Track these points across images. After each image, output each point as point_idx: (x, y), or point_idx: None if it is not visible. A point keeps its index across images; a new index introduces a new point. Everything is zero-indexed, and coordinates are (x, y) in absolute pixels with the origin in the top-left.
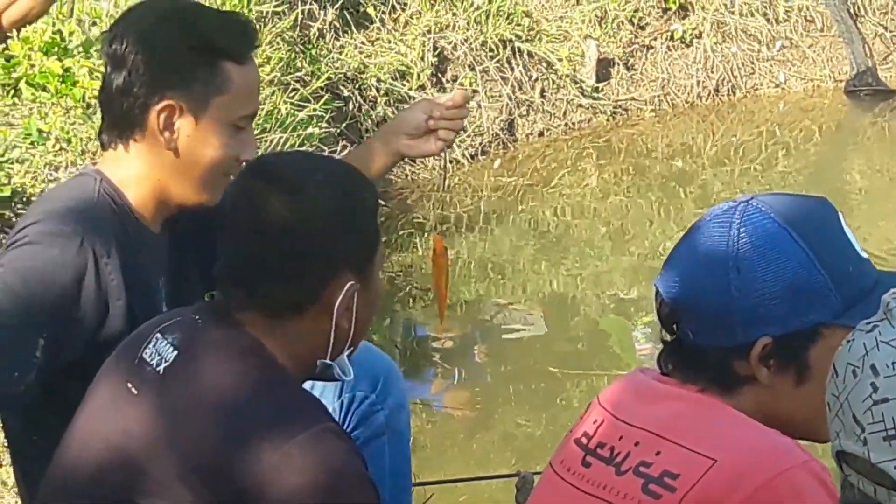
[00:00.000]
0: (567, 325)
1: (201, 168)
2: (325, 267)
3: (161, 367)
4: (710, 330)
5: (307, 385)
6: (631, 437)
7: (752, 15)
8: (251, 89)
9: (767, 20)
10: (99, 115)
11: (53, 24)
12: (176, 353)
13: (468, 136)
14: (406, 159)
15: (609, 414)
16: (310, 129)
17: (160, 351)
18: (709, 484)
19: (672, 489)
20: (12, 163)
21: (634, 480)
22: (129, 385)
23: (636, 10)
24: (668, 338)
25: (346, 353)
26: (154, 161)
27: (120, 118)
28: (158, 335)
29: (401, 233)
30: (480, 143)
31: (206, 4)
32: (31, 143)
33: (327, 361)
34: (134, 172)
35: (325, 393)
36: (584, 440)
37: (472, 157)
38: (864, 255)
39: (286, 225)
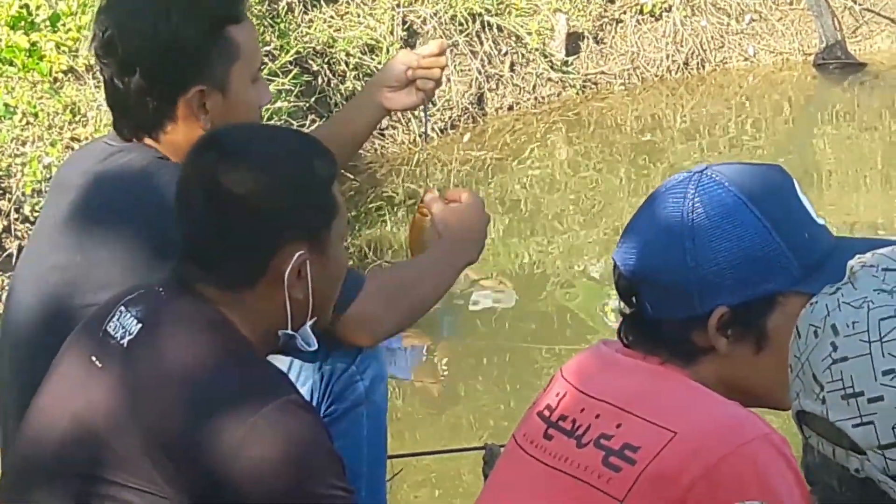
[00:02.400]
0: (537, 298)
1: None
2: (271, 237)
3: (125, 341)
4: (668, 301)
5: (288, 360)
6: (592, 410)
7: None
8: (256, 43)
9: None
10: (88, 111)
11: None
12: (140, 326)
13: (438, 111)
14: (390, 114)
15: (571, 386)
16: (278, 104)
17: (124, 324)
18: (668, 456)
19: (632, 462)
20: None
21: (595, 453)
22: (94, 358)
23: None
24: (628, 310)
25: (308, 323)
26: (189, 141)
27: (146, 117)
28: (122, 308)
29: (370, 206)
30: (450, 118)
31: None
32: None
33: (289, 332)
34: (169, 154)
35: (304, 365)
36: (546, 413)
37: (441, 131)
38: (821, 221)
39: (232, 197)
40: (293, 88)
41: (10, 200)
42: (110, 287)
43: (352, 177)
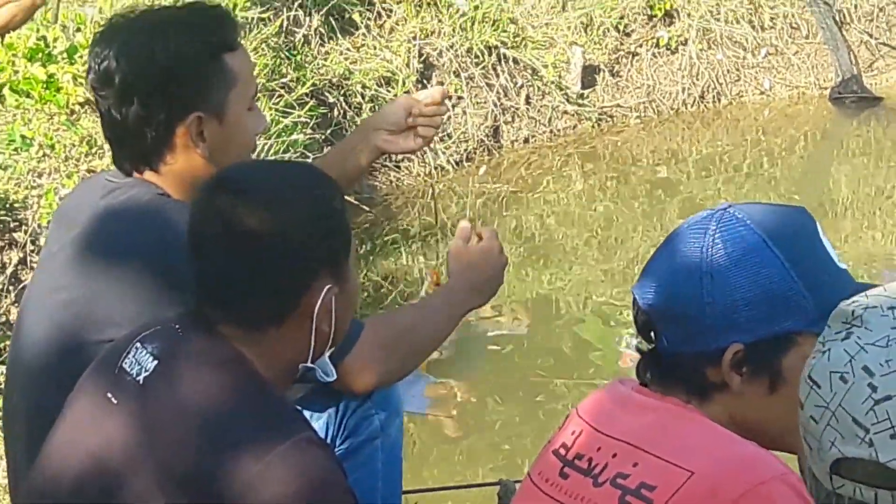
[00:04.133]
0: (551, 332)
1: (234, 158)
2: (300, 276)
3: (141, 377)
4: (684, 336)
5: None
6: (609, 449)
7: (738, 22)
8: (251, 70)
9: (753, 27)
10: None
11: (38, 30)
12: (156, 362)
13: (453, 143)
14: (390, 159)
15: (587, 425)
16: (294, 136)
17: (140, 360)
18: (685, 496)
19: (649, 501)
20: None
21: (611, 492)
22: (109, 395)
23: (622, 17)
24: (646, 347)
25: (326, 354)
26: (188, 171)
27: (145, 147)
28: (138, 345)
29: (386, 238)
30: (465, 150)
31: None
32: (15, 149)
33: (309, 365)
34: (170, 188)
35: (319, 400)
36: (562, 451)
37: (456, 163)
38: (843, 266)
39: (258, 239)
40: (309, 121)
41: (25, 232)
42: (119, 323)
43: (367, 209)
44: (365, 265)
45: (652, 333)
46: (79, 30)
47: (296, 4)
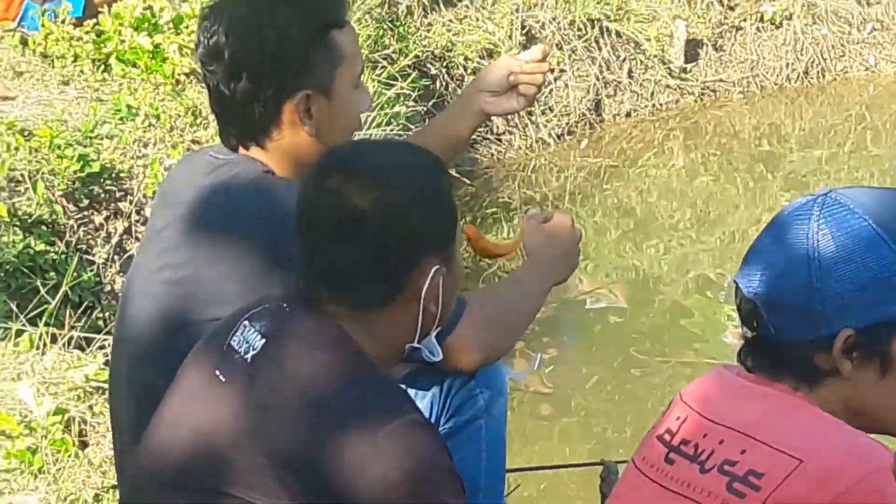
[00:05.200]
0: (651, 308)
1: (341, 136)
2: (408, 257)
3: (249, 356)
4: (792, 324)
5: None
6: (715, 435)
7: None
8: (357, 48)
9: (858, 2)
10: (209, 114)
11: (144, 0)
12: (264, 341)
13: (554, 116)
14: (492, 131)
15: (693, 411)
16: (396, 108)
17: (248, 339)
18: (794, 484)
19: (757, 488)
20: (101, 138)
21: (719, 479)
22: (218, 372)
23: None
24: (750, 334)
25: (433, 333)
26: (295, 148)
27: (253, 122)
28: (246, 323)
29: (486, 211)
30: (567, 123)
31: None
32: (121, 118)
33: (415, 345)
34: (275, 165)
35: (424, 378)
36: (667, 437)
37: (558, 136)
38: None
39: (368, 220)
40: (411, 93)
41: (131, 202)
42: (226, 302)
43: (468, 182)
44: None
45: (755, 322)
46: (184, 0)
47: None
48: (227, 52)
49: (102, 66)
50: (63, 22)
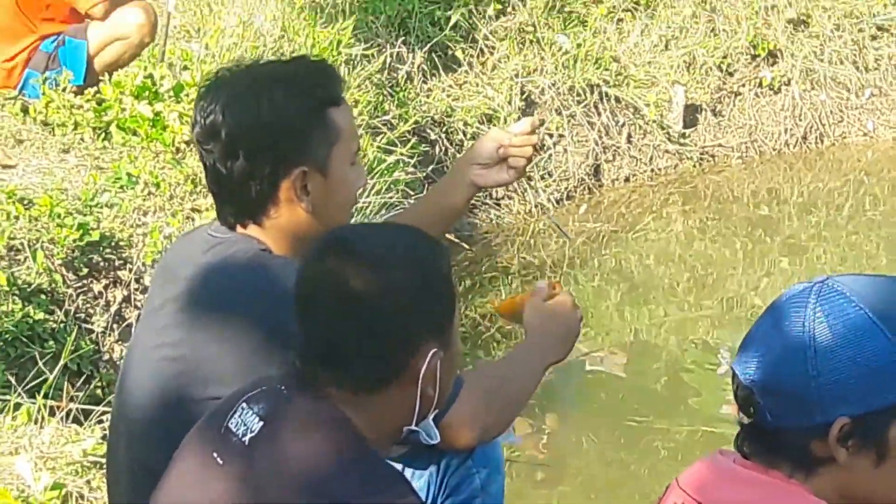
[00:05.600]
0: (649, 372)
1: (337, 213)
2: (407, 341)
3: (247, 438)
4: (788, 411)
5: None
6: None
7: (842, 63)
8: (354, 126)
9: (857, 68)
10: (206, 190)
11: (145, 69)
12: (262, 424)
13: (554, 181)
14: (490, 196)
15: (689, 497)
16: (396, 174)
17: (246, 421)
18: None
19: None
20: (101, 207)
21: None
22: (215, 454)
23: (725, 57)
24: (746, 420)
25: (430, 416)
26: (292, 225)
27: (250, 201)
28: (244, 405)
29: (485, 276)
30: (566, 188)
31: (292, 52)
32: (121, 187)
33: (413, 427)
34: (273, 243)
35: (421, 458)
36: None
37: (557, 201)
38: None
39: (368, 303)
40: (411, 159)
41: (130, 270)
42: (225, 381)
43: (467, 247)
44: (464, 302)
45: (752, 408)
46: (185, 68)
47: (399, 41)
48: (224, 131)
49: (103, 134)
50: (64, 90)
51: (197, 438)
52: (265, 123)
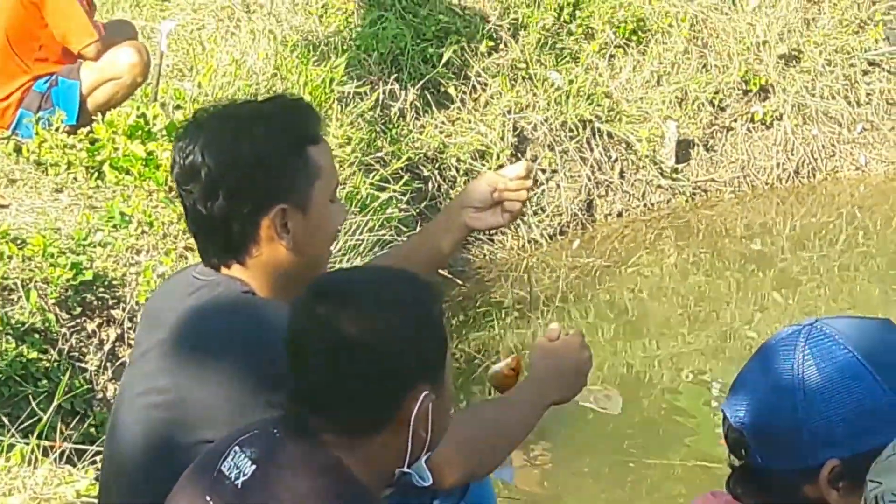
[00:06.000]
0: (643, 406)
1: (318, 251)
2: (398, 385)
3: (239, 482)
4: (779, 454)
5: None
6: None
7: (833, 97)
8: (333, 163)
9: (849, 102)
10: (191, 233)
11: (138, 108)
12: (254, 467)
13: (547, 216)
14: (484, 232)
15: None
16: (389, 210)
17: (238, 464)
18: None
19: None
20: (95, 246)
21: None
22: (208, 498)
23: (717, 92)
24: (737, 462)
25: (423, 458)
26: (274, 263)
27: (231, 240)
28: (237, 448)
29: (479, 310)
30: (559, 223)
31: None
32: (114, 226)
33: (405, 470)
34: (256, 282)
35: (413, 500)
36: None
37: (550, 236)
38: None
39: (357, 348)
40: (404, 195)
41: (123, 309)
42: (213, 424)
43: (460, 282)
44: (457, 337)
45: (743, 450)
46: (178, 107)
47: (392, 78)
48: (204, 172)
49: (96, 174)
50: (57, 130)
51: (190, 481)
52: (244, 163)
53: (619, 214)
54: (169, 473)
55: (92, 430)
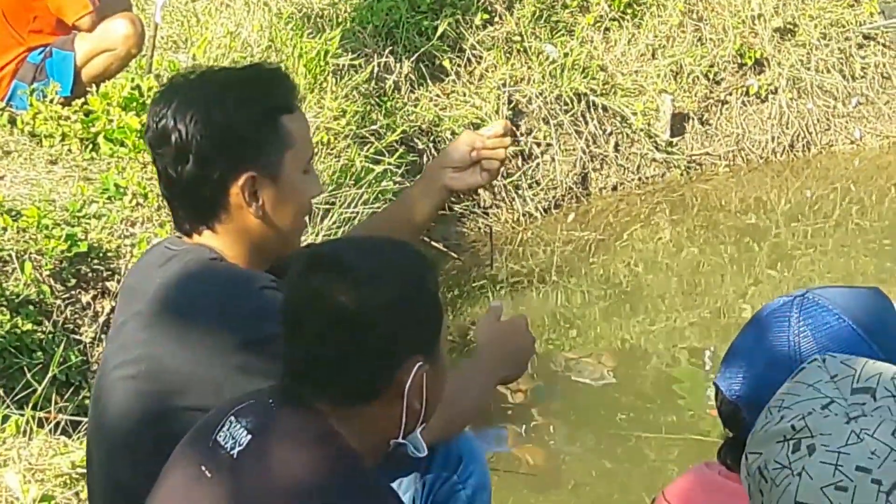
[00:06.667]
0: (638, 380)
1: (289, 221)
2: (393, 355)
3: (235, 451)
4: None
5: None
6: None
7: (829, 71)
8: (308, 133)
9: (844, 77)
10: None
11: (132, 80)
12: (250, 437)
13: (541, 190)
14: (478, 205)
15: None
16: (384, 183)
17: (234, 434)
18: None
19: None
20: (89, 218)
21: None
22: (203, 468)
23: (711, 66)
24: (730, 434)
25: (418, 429)
26: (244, 231)
27: (201, 205)
28: (232, 418)
29: (474, 285)
30: (554, 197)
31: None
32: (108, 198)
33: (400, 440)
34: (227, 249)
35: (406, 472)
36: None
37: (545, 210)
38: None
39: (353, 318)
40: (398, 168)
41: (118, 281)
42: (188, 391)
43: (455, 256)
44: (452, 311)
45: (738, 423)
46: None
47: (387, 51)
48: (174, 136)
49: (90, 146)
50: (51, 101)
51: (185, 452)
52: (214, 128)
53: (614, 188)
54: (152, 443)
55: (86, 401)
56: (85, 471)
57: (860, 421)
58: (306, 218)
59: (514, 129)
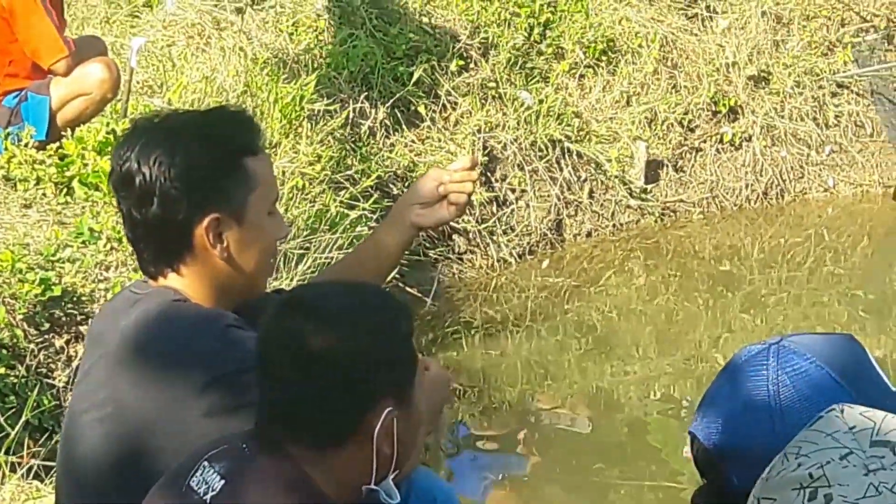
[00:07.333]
0: (613, 427)
1: (254, 263)
2: (363, 398)
3: (208, 497)
4: (754, 473)
5: None
6: None
7: (802, 119)
8: (272, 176)
9: (817, 125)
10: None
11: (107, 124)
12: (223, 482)
13: (516, 236)
14: (453, 251)
15: None
16: (359, 229)
17: (207, 480)
18: None
19: None
20: (63, 262)
21: None
22: None
23: (686, 113)
24: (704, 481)
25: (391, 476)
26: (209, 273)
27: (165, 248)
28: (206, 463)
29: (447, 330)
30: (528, 243)
31: (254, 108)
32: (83, 242)
33: (372, 487)
34: (192, 291)
35: None
36: None
37: (519, 256)
38: (893, 388)
39: (325, 362)
40: (373, 214)
41: None
42: (153, 432)
43: (429, 301)
44: (426, 356)
45: (715, 472)
46: None
47: (362, 97)
48: (138, 178)
49: (65, 190)
50: (26, 145)
51: (159, 496)
52: (177, 171)
53: (589, 234)
54: (122, 485)
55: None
56: None
57: (879, 474)
58: (272, 260)
59: (480, 162)
